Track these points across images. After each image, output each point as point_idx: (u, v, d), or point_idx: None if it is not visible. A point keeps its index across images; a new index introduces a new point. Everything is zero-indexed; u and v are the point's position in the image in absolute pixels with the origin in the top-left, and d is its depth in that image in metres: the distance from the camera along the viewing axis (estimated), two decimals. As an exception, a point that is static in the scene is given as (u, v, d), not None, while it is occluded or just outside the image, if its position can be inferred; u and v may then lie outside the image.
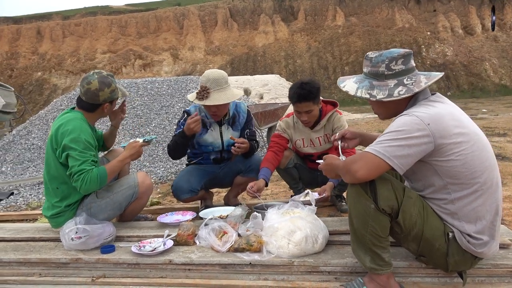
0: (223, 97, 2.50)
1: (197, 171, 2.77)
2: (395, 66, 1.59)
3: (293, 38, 21.19)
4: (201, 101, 2.49)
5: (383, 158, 1.46)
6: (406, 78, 1.59)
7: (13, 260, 2.07)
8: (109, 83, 2.28)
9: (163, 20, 23.19)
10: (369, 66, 1.66)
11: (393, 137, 1.47)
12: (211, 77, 2.51)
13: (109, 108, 2.36)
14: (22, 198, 4.00)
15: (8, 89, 9.14)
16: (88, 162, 2.11)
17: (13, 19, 29.87)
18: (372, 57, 1.65)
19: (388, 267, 1.61)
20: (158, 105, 6.34)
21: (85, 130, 2.19)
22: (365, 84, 1.66)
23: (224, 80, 2.55)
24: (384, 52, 1.63)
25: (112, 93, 2.29)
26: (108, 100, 2.30)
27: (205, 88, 2.48)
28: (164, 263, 1.93)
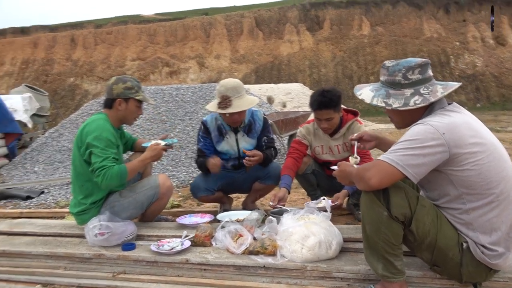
0: (244, 104, 2.59)
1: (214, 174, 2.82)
2: (411, 75, 1.60)
3: (318, 47, 21.20)
4: (224, 110, 2.56)
5: (397, 167, 1.47)
6: (423, 87, 1.59)
7: (41, 253, 2.19)
8: (125, 81, 2.43)
9: (191, 29, 23.75)
10: (386, 75, 1.67)
11: (407, 146, 1.49)
12: (229, 86, 2.59)
13: (124, 106, 2.42)
14: (51, 196, 4.19)
15: (42, 94, 9.60)
16: (109, 159, 2.22)
17: (50, 27, 31.34)
18: (389, 66, 1.67)
19: (400, 276, 1.61)
20: (182, 111, 6.50)
21: (107, 129, 2.31)
22: (382, 93, 1.68)
23: (242, 88, 2.65)
24: (401, 61, 1.64)
25: (126, 89, 2.40)
26: (122, 96, 2.40)
27: (227, 97, 2.56)
28: (181, 262, 2.00)
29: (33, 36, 27.29)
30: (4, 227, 2.63)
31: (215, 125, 2.77)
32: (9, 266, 2.19)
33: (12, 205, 3.93)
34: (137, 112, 2.51)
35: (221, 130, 2.76)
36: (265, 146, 2.84)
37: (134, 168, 2.34)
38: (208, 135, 2.78)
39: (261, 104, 7.95)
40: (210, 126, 2.78)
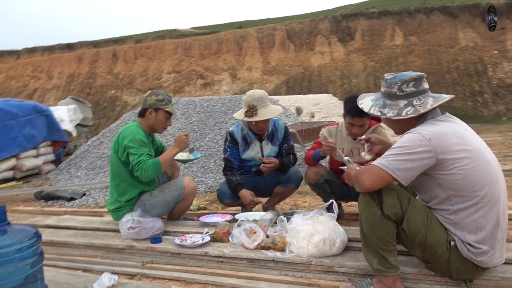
0: (269, 112, 2.84)
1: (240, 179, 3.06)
2: (406, 88, 1.77)
3: (349, 58, 21.16)
4: (251, 118, 2.81)
5: (387, 171, 1.65)
6: (416, 99, 1.76)
7: (82, 244, 2.52)
8: (157, 94, 2.76)
9: (224, 42, 24.47)
10: (385, 86, 1.86)
11: (397, 152, 1.67)
12: (256, 96, 2.84)
13: (154, 116, 2.73)
14: (92, 198, 4.60)
15: (86, 105, 10.32)
16: (144, 155, 2.53)
17: (93, 43, 33.35)
18: (387, 78, 1.86)
19: (394, 270, 1.77)
20: (212, 121, 6.84)
21: (139, 133, 2.64)
22: (379, 103, 1.86)
23: (267, 98, 2.90)
24: (398, 75, 1.83)
25: (157, 101, 2.72)
26: (153, 106, 2.72)
27: (253, 106, 2.82)
28: (201, 254, 2.24)
29: (78, 51, 29.17)
30: (51, 221, 3.01)
31: (241, 135, 2.99)
32: (55, 254, 2.53)
33: (58, 205, 4.36)
34: (166, 122, 2.80)
35: (247, 139, 2.98)
36: (286, 153, 3.07)
37: (166, 159, 2.64)
38: (235, 144, 2.99)
39: (288, 115, 8.16)
40: (237, 136, 3.00)
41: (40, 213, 3.64)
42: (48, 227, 2.92)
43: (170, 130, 6.76)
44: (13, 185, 5.93)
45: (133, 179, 2.65)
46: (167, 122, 2.81)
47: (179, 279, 2.15)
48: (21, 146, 6.27)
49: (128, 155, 2.57)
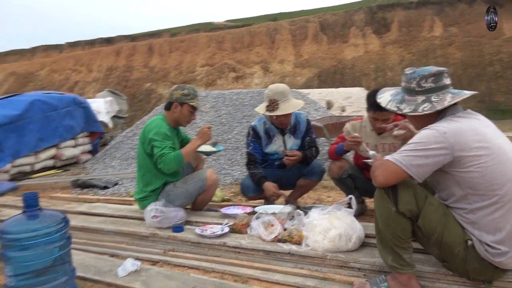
0: (290, 107, 2.85)
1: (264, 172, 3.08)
2: (425, 83, 1.73)
3: (384, 50, 20.51)
4: (272, 112, 2.84)
5: (400, 166, 1.63)
6: (434, 95, 1.72)
7: (110, 230, 2.66)
8: (183, 88, 2.83)
9: (257, 35, 24.47)
10: (404, 81, 1.83)
11: (412, 148, 1.64)
12: (277, 91, 2.86)
13: (179, 109, 2.81)
14: (124, 187, 4.81)
15: (121, 98, 10.72)
16: (167, 148, 2.63)
17: (131, 37, 34.38)
18: (407, 73, 1.82)
19: (409, 268, 1.75)
20: (240, 114, 6.91)
21: (164, 126, 2.73)
22: (398, 98, 1.84)
23: (288, 92, 2.91)
24: (418, 70, 1.79)
25: (182, 95, 2.79)
26: (178, 101, 2.79)
27: (275, 100, 2.84)
28: (219, 244, 2.31)
29: (117, 45, 30.22)
30: (84, 208, 3.19)
31: (264, 129, 3.03)
32: (86, 239, 2.69)
33: (92, 193, 4.60)
34: (190, 116, 2.87)
35: (269, 133, 3.02)
36: (308, 146, 3.08)
37: (188, 151, 2.71)
38: (258, 139, 3.03)
39: (317, 108, 8.09)
40: (260, 130, 3.03)
41: (75, 200, 3.87)
42: (80, 213, 3.10)
43: (199, 123, 6.90)
44: (53, 173, 6.29)
45: (157, 170, 2.75)
46: (191, 116, 2.89)
47: (198, 268, 2.23)
48: (61, 137, 6.62)
49: (152, 148, 2.67)
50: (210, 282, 2.00)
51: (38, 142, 6.13)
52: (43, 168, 6.36)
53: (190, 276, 2.08)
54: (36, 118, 6.18)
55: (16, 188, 5.09)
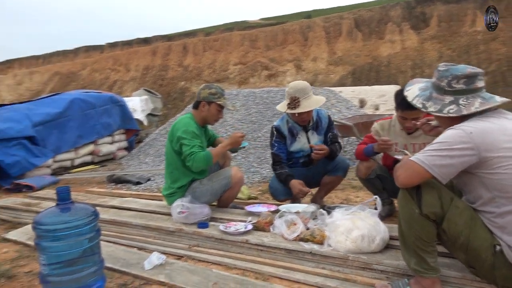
0: (312, 104, 2.85)
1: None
2: (456, 84, 1.66)
3: (422, 46, 19.72)
4: (293, 110, 2.84)
5: (423, 166, 1.58)
6: (464, 98, 1.64)
7: (139, 224, 2.76)
8: (210, 87, 2.88)
9: (290, 33, 24.33)
10: (436, 77, 1.75)
11: (436, 148, 1.59)
12: (298, 88, 2.86)
13: (207, 108, 2.86)
14: (155, 183, 4.96)
15: (156, 96, 11.03)
16: (196, 146, 2.69)
17: (167, 37, 35.25)
18: (440, 69, 1.74)
19: (433, 272, 1.69)
20: (271, 112, 6.92)
21: (192, 125, 2.79)
22: (425, 94, 1.77)
23: (309, 89, 2.90)
24: (452, 68, 1.70)
25: (210, 94, 2.84)
26: (206, 100, 2.85)
27: (296, 98, 2.84)
28: (242, 242, 2.34)
29: (153, 45, 31.11)
30: (116, 202, 3.33)
31: (287, 128, 3.02)
32: (116, 232, 2.81)
33: (125, 188, 4.78)
34: (218, 115, 2.91)
35: (293, 131, 3.01)
36: (330, 141, 3.06)
37: (217, 153, 2.78)
38: (282, 139, 3.02)
39: (349, 107, 7.95)
40: (283, 130, 3.02)
41: (109, 194, 4.04)
42: (112, 207, 3.24)
43: (229, 120, 6.98)
44: (91, 168, 6.60)
45: (185, 167, 2.82)
46: (219, 115, 2.93)
47: (220, 264, 2.28)
48: (98, 133, 6.93)
49: (181, 146, 2.74)
50: (231, 278, 2.04)
51: (77, 138, 6.45)
52: (82, 163, 6.69)
53: (213, 272, 2.13)
54: (76, 115, 6.50)
55: (56, 182, 5.39)
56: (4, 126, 5.31)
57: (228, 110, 7.32)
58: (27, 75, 33.23)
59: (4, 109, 5.92)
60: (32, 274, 2.26)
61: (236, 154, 5.81)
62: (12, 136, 5.31)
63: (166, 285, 2.04)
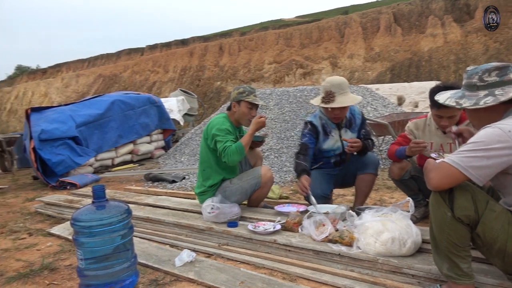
0: (347, 100, 2.76)
1: (324, 176, 3.01)
2: (488, 77, 1.60)
3: (466, 40, 18.66)
4: (327, 104, 2.76)
5: (458, 168, 1.51)
6: (499, 89, 1.58)
7: (171, 222, 2.85)
8: (239, 88, 2.94)
9: (325, 30, 23.92)
10: (465, 78, 1.71)
11: (471, 148, 1.51)
12: (334, 83, 2.79)
13: (238, 108, 2.92)
14: (190, 182, 5.08)
15: (192, 96, 11.28)
16: (229, 141, 2.75)
17: (203, 38, 35.86)
18: (468, 70, 1.71)
19: (466, 278, 1.62)
20: (304, 111, 6.86)
21: (225, 123, 2.86)
22: (457, 95, 1.72)
23: (346, 85, 2.82)
24: (481, 65, 1.67)
25: (238, 94, 2.90)
26: (235, 100, 2.91)
27: (331, 92, 2.76)
28: (270, 241, 2.35)
29: (190, 46, 31.76)
30: (151, 200, 3.45)
31: (320, 125, 2.95)
32: (150, 229, 2.91)
33: (161, 186, 4.94)
34: (249, 113, 2.91)
35: (326, 129, 2.95)
36: (363, 138, 2.98)
37: (246, 141, 2.78)
38: (316, 133, 2.95)
39: (386, 104, 7.72)
40: (318, 125, 2.95)
41: (145, 192, 4.19)
42: (147, 205, 3.36)
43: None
44: (130, 167, 6.87)
45: (218, 166, 2.88)
46: (251, 113, 2.93)
47: (249, 263, 2.30)
48: (137, 133, 7.20)
49: (216, 143, 2.80)
50: (259, 278, 2.05)
51: (118, 138, 6.74)
52: (121, 162, 6.98)
53: (241, 271, 2.15)
54: (116, 116, 6.79)
55: (98, 180, 5.67)
56: (51, 127, 5.65)
57: (262, 109, 7.36)
58: (74, 78, 35.09)
59: (51, 110, 6.29)
60: (72, 267, 2.40)
61: (268, 152, 5.82)
62: (58, 137, 5.65)
63: (195, 282, 2.09)
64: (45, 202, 3.95)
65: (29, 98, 35.15)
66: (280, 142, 6.07)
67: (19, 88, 37.59)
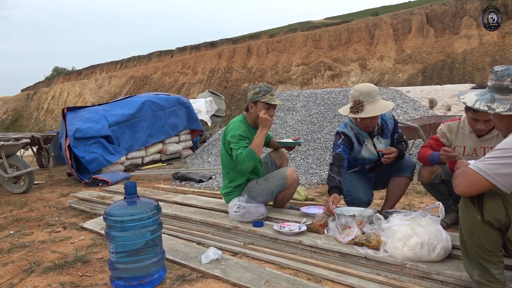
0: (377, 109, 2.64)
1: (363, 181, 2.92)
2: None
3: (503, 41, 17.86)
4: (356, 115, 2.64)
5: (483, 175, 1.48)
6: None
7: (198, 220, 2.90)
8: (255, 87, 2.90)
9: (355, 31, 23.59)
10: (494, 79, 1.66)
11: (498, 155, 1.48)
12: (363, 91, 2.66)
13: (254, 109, 2.86)
14: (216, 182, 5.15)
15: (220, 97, 11.41)
16: (241, 148, 2.73)
17: (232, 40, 36.24)
18: (497, 70, 1.65)
19: (499, 285, 1.57)
20: (332, 113, 6.80)
21: (239, 128, 2.84)
22: (486, 97, 1.67)
23: (376, 92, 2.69)
24: (511, 67, 1.61)
25: (254, 94, 2.86)
26: (252, 100, 2.87)
27: (359, 101, 2.65)
28: (295, 242, 2.35)
29: (219, 48, 32.20)
30: (178, 199, 3.52)
31: (353, 134, 2.83)
32: (178, 227, 2.98)
33: (188, 186, 5.03)
34: (267, 113, 2.82)
35: (359, 138, 2.82)
36: (397, 142, 2.92)
37: (256, 144, 2.72)
38: (350, 144, 2.82)
39: (417, 107, 7.53)
40: (351, 136, 2.82)
41: (173, 191, 4.28)
42: (175, 203, 3.43)
43: (289, 122, 6.99)
44: (159, 166, 7.04)
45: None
46: (269, 113, 2.84)
47: (274, 263, 2.31)
48: (166, 133, 7.36)
49: (231, 149, 2.82)
50: (283, 278, 2.06)
51: (148, 138, 6.92)
52: (151, 161, 7.16)
53: (266, 270, 2.17)
54: (147, 116, 6.98)
55: (128, 178, 5.85)
56: (85, 126, 5.88)
57: (288, 111, 7.35)
58: (107, 79, 36.32)
59: (85, 110, 6.55)
60: (103, 260, 2.49)
61: (294, 154, 5.82)
62: (91, 135, 5.87)
63: (220, 279, 2.12)
64: (79, 197, 4.12)
65: (64, 98, 36.70)
66: (306, 144, 6.04)
67: (56, 89, 39.33)
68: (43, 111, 37.33)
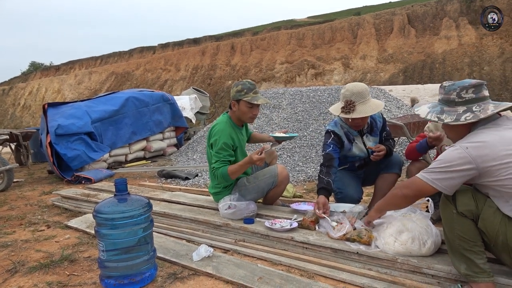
0: (368, 109, 2.63)
1: (353, 178, 2.95)
2: (465, 94, 1.76)
3: (481, 42, 18.39)
4: (347, 115, 2.63)
5: (427, 182, 1.72)
6: (476, 105, 1.73)
7: (188, 217, 2.87)
8: (237, 85, 2.81)
9: (338, 30, 23.80)
10: (442, 93, 1.86)
11: (437, 166, 1.70)
12: (355, 91, 2.65)
13: (237, 107, 2.79)
14: (203, 179, 5.11)
15: (204, 95, 11.32)
16: (219, 161, 2.68)
17: (215, 37, 35.97)
18: (445, 85, 1.86)
19: (485, 275, 1.65)
20: (317, 111, 6.85)
21: (224, 134, 2.72)
22: (437, 109, 1.85)
23: (367, 92, 2.68)
24: (457, 82, 1.82)
25: (236, 92, 2.77)
26: (234, 98, 2.79)
27: (351, 102, 2.63)
28: (287, 239, 2.36)
29: (202, 45, 31.92)
30: (166, 196, 3.48)
31: (343, 133, 2.83)
32: (167, 224, 2.94)
33: (175, 183, 4.98)
34: (250, 111, 2.79)
35: (349, 137, 2.84)
36: (385, 139, 2.95)
37: (235, 170, 2.67)
38: (340, 143, 2.81)
39: (400, 106, 7.67)
40: (341, 135, 2.82)
41: (159, 188, 4.23)
42: (163, 200, 3.39)
43: (275, 119, 7.01)
44: (143, 163, 6.94)
45: None
46: (252, 111, 2.79)
47: (266, 259, 2.31)
48: (150, 130, 7.25)
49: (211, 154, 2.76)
50: (276, 274, 2.06)
51: (131, 135, 6.80)
52: (134, 158, 7.05)
53: (258, 267, 2.17)
54: (130, 113, 6.85)
55: (112, 176, 5.74)
56: (67, 122, 5.73)
57: (274, 108, 7.37)
58: (87, 75, 35.53)
59: (67, 106, 6.37)
60: (91, 259, 2.43)
61: (280, 151, 5.83)
62: (74, 132, 5.72)
63: (213, 277, 2.11)
64: (62, 195, 4.01)
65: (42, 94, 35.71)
66: (292, 142, 6.06)
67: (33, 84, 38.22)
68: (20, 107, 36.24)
